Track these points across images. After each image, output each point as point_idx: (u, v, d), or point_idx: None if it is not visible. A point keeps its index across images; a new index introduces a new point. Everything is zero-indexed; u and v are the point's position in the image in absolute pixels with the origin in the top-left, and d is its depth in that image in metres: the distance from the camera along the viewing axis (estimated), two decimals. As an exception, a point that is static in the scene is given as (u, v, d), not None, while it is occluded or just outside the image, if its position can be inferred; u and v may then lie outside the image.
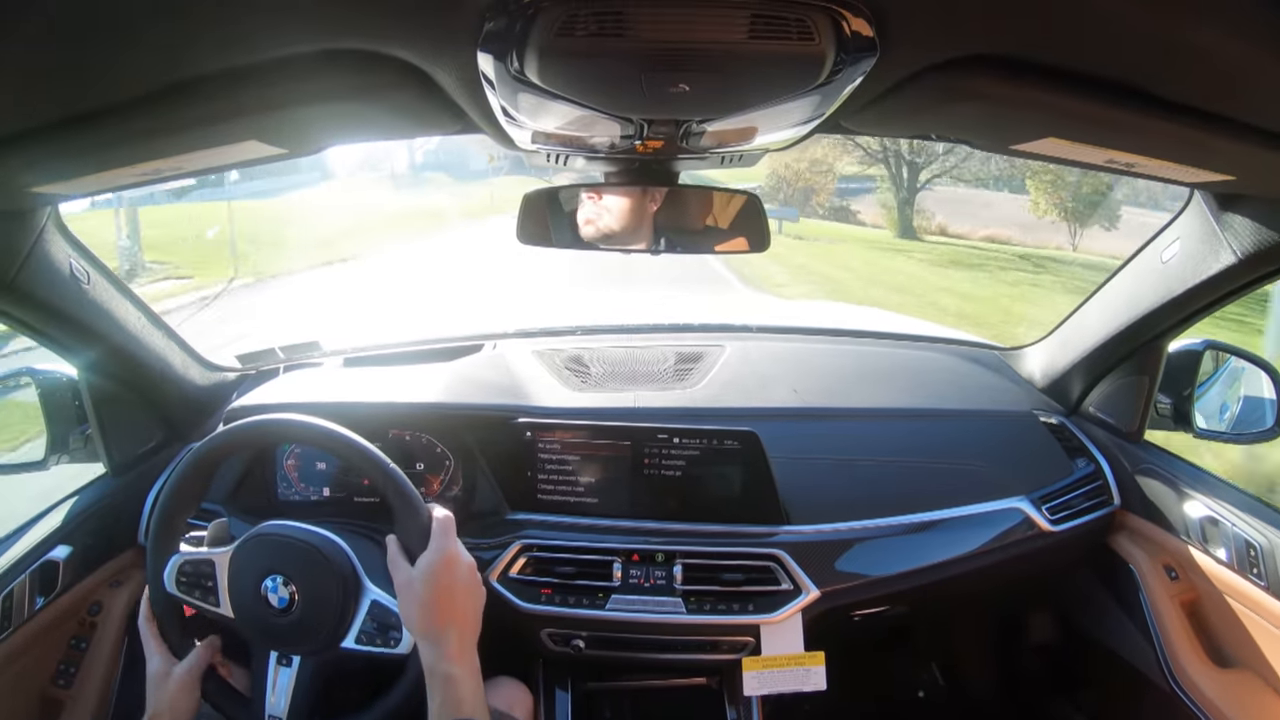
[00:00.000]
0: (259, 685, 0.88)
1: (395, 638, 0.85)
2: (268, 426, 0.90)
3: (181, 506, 0.92)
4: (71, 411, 1.18)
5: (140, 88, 0.58)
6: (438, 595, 0.77)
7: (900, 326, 1.78)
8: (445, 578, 0.78)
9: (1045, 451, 1.27)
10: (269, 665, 0.88)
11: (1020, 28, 0.53)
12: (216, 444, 0.91)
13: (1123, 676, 1.25)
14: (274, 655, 0.88)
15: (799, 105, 0.66)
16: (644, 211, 1.05)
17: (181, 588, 0.89)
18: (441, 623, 0.77)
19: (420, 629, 0.77)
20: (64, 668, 1.12)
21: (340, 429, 0.87)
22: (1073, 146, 0.76)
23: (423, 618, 0.77)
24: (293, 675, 0.87)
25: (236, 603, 0.87)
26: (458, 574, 0.79)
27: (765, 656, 1.12)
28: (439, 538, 0.81)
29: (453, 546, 0.81)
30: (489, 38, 0.53)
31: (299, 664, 0.87)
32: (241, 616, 0.87)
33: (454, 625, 0.77)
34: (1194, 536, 1.14)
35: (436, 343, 1.48)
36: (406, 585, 0.79)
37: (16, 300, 0.96)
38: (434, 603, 0.77)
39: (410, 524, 0.83)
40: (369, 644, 0.85)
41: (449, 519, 0.83)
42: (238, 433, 0.90)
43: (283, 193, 14.79)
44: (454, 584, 0.79)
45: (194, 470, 0.90)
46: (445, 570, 0.79)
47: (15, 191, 0.81)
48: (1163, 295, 1.09)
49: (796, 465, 1.19)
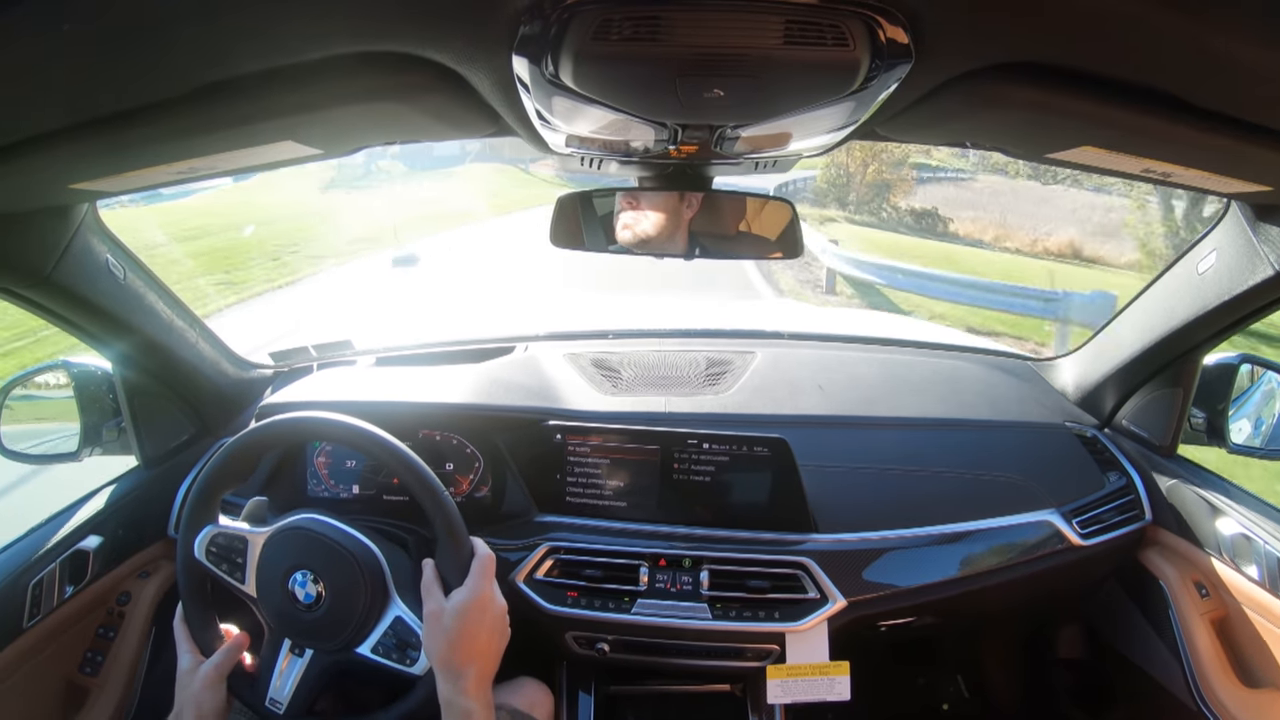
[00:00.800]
0: (266, 667, 0.89)
1: (413, 657, 0.85)
2: (337, 427, 0.90)
3: (226, 481, 0.93)
4: (105, 404, 1.20)
5: (179, 88, 0.58)
6: (465, 633, 0.78)
7: (932, 335, 1.76)
8: (475, 617, 0.79)
9: (1077, 464, 1.26)
10: (281, 651, 0.89)
11: (1055, 35, 0.53)
12: (283, 427, 0.91)
13: (1149, 694, 1.23)
14: (288, 643, 0.89)
15: (833, 111, 0.66)
16: (680, 217, 1.05)
17: (211, 558, 0.90)
18: (464, 660, 0.78)
19: (441, 661, 0.78)
20: (91, 656, 1.14)
21: (402, 447, 0.88)
22: (1108, 155, 0.75)
23: (446, 651, 0.78)
24: (302, 667, 0.88)
25: (262, 586, 0.88)
26: (488, 616, 0.80)
27: (790, 665, 1.12)
28: (477, 576, 0.82)
29: (489, 588, 0.82)
30: (524, 41, 0.53)
31: (310, 658, 0.88)
32: (265, 600, 0.88)
33: (475, 663, 0.78)
34: (1226, 553, 1.12)
35: (467, 344, 1.49)
36: (436, 616, 0.80)
37: (53, 294, 0.98)
38: (460, 640, 0.78)
39: (453, 555, 0.84)
40: (384, 656, 0.86)
41: (490, 559, 0.84)
42: (304, 423, 0.91)
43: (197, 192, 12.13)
44: (482, 625, 0.80)
45: (243, 449, 0.91)
46: (477, 610, 0.80)
47: (54, 188, 0.82)
48: (1199, 308, 1.07)
49: (826, 473, 1.19)
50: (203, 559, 0.90)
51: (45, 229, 0.92)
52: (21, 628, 1.00)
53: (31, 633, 1.01)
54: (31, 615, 1.01)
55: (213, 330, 1.29)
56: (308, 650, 0.88)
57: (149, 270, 1.12)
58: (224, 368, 1.32)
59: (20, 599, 0.99)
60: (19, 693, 1.00)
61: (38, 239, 0.92)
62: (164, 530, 1.22)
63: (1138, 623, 1.28)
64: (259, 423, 0.94)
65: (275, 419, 0.92)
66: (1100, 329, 1.34)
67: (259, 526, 0.90)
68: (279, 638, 0.89)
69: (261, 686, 0.89)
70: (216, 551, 0.90)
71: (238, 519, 0.92)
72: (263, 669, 0.90)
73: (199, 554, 0.90)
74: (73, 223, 0.95)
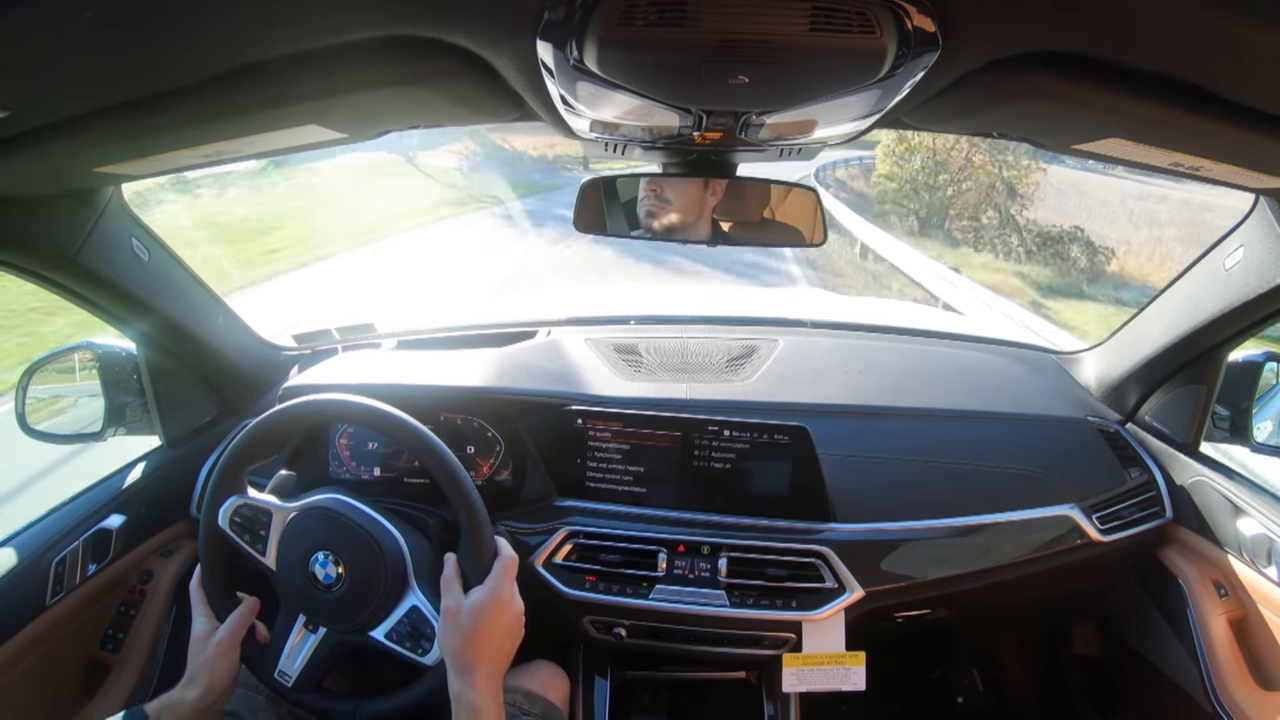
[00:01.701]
0: (279, 639, 0.90)
1: (425, 647, 0.85)
2: (371, 414, 0.90)
3: (256, 453, 0.93)
4: (129, 385, 1.21)
5: (204, 71, 0.59)
6: (480, 631, 0.79)
7: (956, 326, 1.75)
8: (493, 617, 0.80)
9: (1098, 459, 1.25)
10: (295, 626, 0.90)
11: (1084, 25, 0.52)
12: (318, 407, 0.91)
13: (1164, 693, 1.22)
14: (302, 618, 0.90)
15: (859, 99, 0.66)
16: (704, 203, 1.05)
17: (234, 527, 0.90)
18: (476, 657, 0.78)
19: (454, 656, 0.79)
20: (112, 633, 1.15)
21: (433, 437, 0.88)
22: (1137, 148, 0.75)
23: (460, 647, 0.79)
24: (314, 643, 0.89)
25: (282, 561, 0.89)
26: (504, 617, 0.81)
27: (806, 654, 1.12)
28: (498, 577, 0.82)
29: (508, 589, 0.82)
30: (549, 27, 0.53)
31: (323, 635, 0.89)
32: (283, 575, 0.89)
33: (486, 661, 0.79)
34: (1246, 553, 1.11)
35: (490, 328, 1.49)
36: (454, 612, 0.80)
37: (79, 275, 0.99)
38: (475, 638, 0.79)
39: (475, 553, 0.84)
40: (398, 643, 0.86)
41: (513, 561, 0.84)
42: (341, 405, 0.90)
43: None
44: (498, 625, 0.80)
45: (278, 424, 0.91)
46: (494, 610, 0.80)
47: (80, 171, 0.83)
48: (1224, 304, 1.06)
49: (846, 463, 1.19)
50: (226, 528, 0.90)
51: (71, 212, 0.93)
52: (45, 605, 1.01)
53: (54, 610, 1.02)
54: (55, 592, 1.02)
55: (236, 312, 1.30)
56: (321, 628, 0.89)
57: (174, 253, 1.14)
58: (247, 349, 1.33)
59: (44, 576, 1.01)
60: (41, 669, 1.02)
61: (63, 222, 0.93)
62: (186, 510, 1.23)
63: (1155, 621, 1.27)
64: (293, 401, 0.93)
65: (315, 399, 0.92)
66: (1125, 323, 1.33)
67: (285, 501, 0.91)
68: (294, 613, 0.90)
69: (271, 658, 0.90)
70: (240, 522, 0.90)
71: (263, 492, 0.92)
72: (274, 641, 0.91)
73: (222, 522, 0.90)
74: (98, 206, 0.97)
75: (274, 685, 0.89)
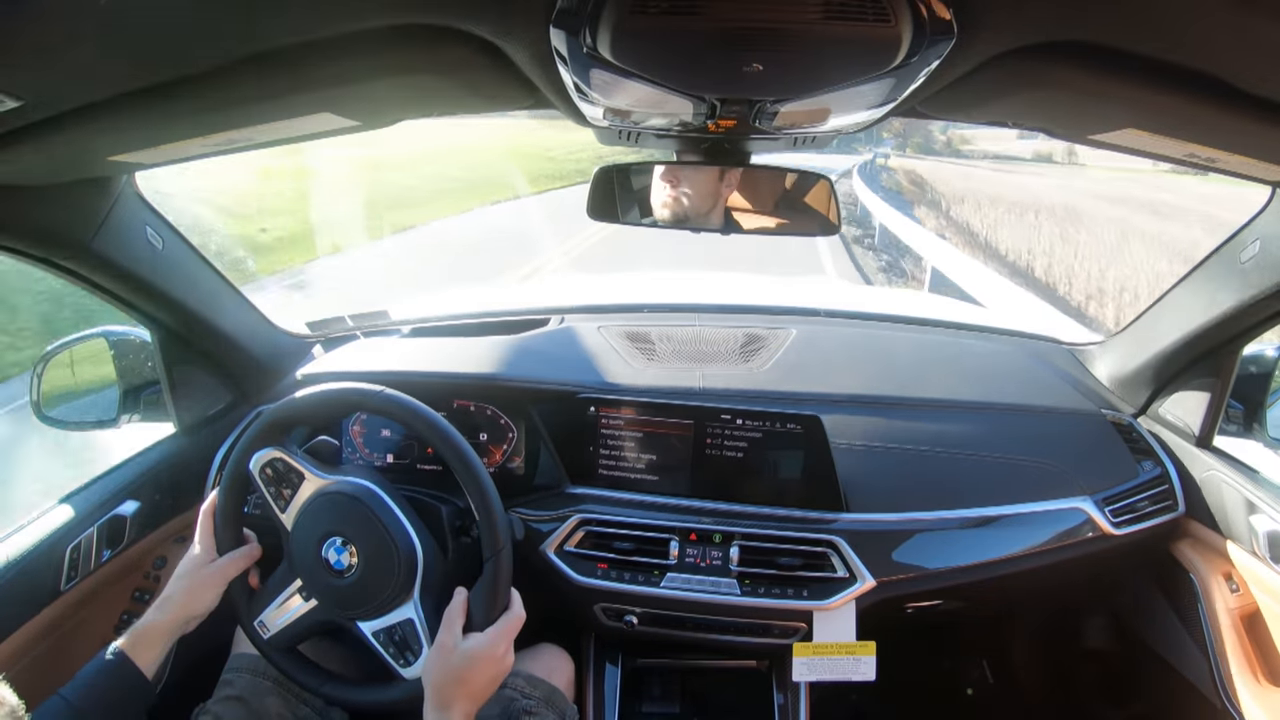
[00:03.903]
0: (270, 592, 0.91)
1: (409, 660, 0.86)
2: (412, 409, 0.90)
3: (311, 419, 0.95)
4: (144, 372, 1.22)
5: (217, 59, 0.59)
6: (467, 677, 0.81)
7: (970, 317, 1.74)
8: (482, 666, 0.82)
9: (1111, 452, 1.24)
10: (290, 586, 0.91)
11: (1101, 15, 0.52)
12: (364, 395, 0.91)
13: (1173, 687, 1.22)
14: (299, 582, 0.91)
15: (873, 88, 0.65)
16: (718, 192, 1.05)
17: (264, 477, 0.91)
18: (457, 696, 0.80)
19: (436, 690, 0.81)
20: (127, 619, 1.16)
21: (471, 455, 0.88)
22: (1153, 139, 0.74)
23: (443, 684, 0.81)
24: (303, 610, 0.90)
25: (298, 528, 0.90)
26: (494, 668, 0.83)
27: (816, 644, 1.12)
28: (501, 631, 0.84)
29: (505, 644, 0.84)
30: (562, 14, 0.53)
31: (314, 607, 0.90)
32: (297, 542, 0.90)
33: (465, 701, 0.81)
34: (1259, 548, 1.11)
35: (503, 315, 1.50)
36: (447, 650, 0.82)
37: (93, 263, 0.99)
38: (460, 680, 0.81)
39: (490, 601, 0.85)
40: (383, 645, 0.87)
41: (519, 621, 0.86)
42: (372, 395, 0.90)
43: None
44: (485, 674, 0.82)
45: (335, 400, 0.92)
46: (487, 661, 0.82)
47: (93, 159, 0.84)
48: (1239, 297, 1.05)
49: (858, 452, 1.19)
50: (255, 474, 0.91)
51: (85, 200, 0.93)
52: (60, 590, 1.02)
53: (69, 595, 1.03)
54: (70, 578, 1.03)
55: (250, 300, 1.31)
56: (314, 599, 0.90)
57: (188, 240, 1.14)
58: (261, 336, 1.34)
59: (59, 562, 1.02)
60: (56, 654, 1.03)
61: (78, 210, 0.93)
62: (200, 496, 1.23)
63: (1165, 615, 1.27)
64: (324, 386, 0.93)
65: (344, 386, 0.92)
66: (1139, 316, 1.32)
67: (321, 471, 0.91)
68: (294, 575, 0.91)
69: (257, 606, 0.91)
70: (272, 474, 0.91)
71: (303, 453, 0.93)
72: (265, 591, 0.92)
73: (254, 467, 0.91)
74: (112, 194, 0.97)
75: (250, 630, 0.91)
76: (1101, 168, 21.81)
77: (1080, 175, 24.38)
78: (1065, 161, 32.44)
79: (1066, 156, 31.74)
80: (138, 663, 0.82)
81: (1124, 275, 8.95)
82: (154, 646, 0.85)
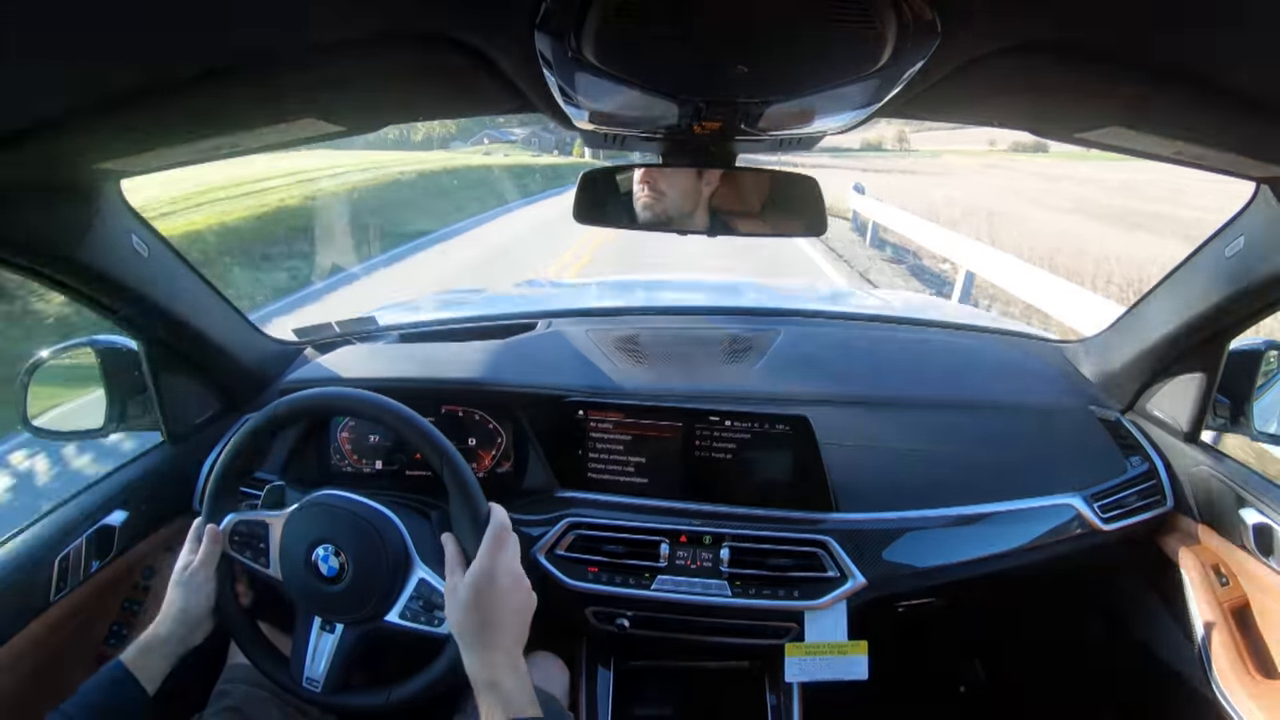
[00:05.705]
0: (300, 648, 0.90)
1: (440, 618, 0.85)
2: (347, 399, 0.90)
3: (246, 463, 0.93)
4: (131, 381, 1.21)
5: (201, 65, 0.58)
6: (481, 607, 0.77)
7: (958, 316, 1.75)
8: (490, 593, 0.78)
9: (1100, 448, 1.25)
10: (312, 630, 0.89)
11: (1085, 14, 0.52)
12: (298, 404, 0.91)
13: (1163, 680, 1.23)
14: (318, 621, 0.89)
15: (858, 89, 0.66)
16: (700, 193, 1.05)
17: (234, 546, 0.91)
18: (481, 630, 0.76)
19: (460, 634, 0.77)
20: (117, 629, 1.15)
21: (418, 417, 0.87)
22: (1139, 137, 0.75)
23: (462, 622, 0.77)
24: (334, 642, 0.88)
25: (286, 567, 0.89)
26: (506, 595, 0.78)
27: (808, 644, 1.12)
28: (487, 546, 0.79)
29: (502, 557, 0.79)
30: (546, 18, 0.53)
31: (341, 632, 0.88)
32: (290, 580, 0.88)
33: (492, 633, 0.76)
34: (1247, 542, 1.11)
35: (491, 320, 1.50)
36: (453, 590, 0.79)
37: (78, 272, 0.98)
38: (479, 616, 0.77)
39: (468, 521, 0.82)
40: (413, 620, 0.86)
41: (504, 529, 0.81)
42: (312, 399, 0.90)
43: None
44: (500, 601, 0.78)
45: (255, 432, 0.91)
46: (492, 586, 0.78)
47: (77, 168, 0.83)
48: (1225, 292, 1.06)
49: (847, 452, 1.19)
50: (226, 548, 0.91)
51: (69, 208, 0.92)
52: (49, 601, 1.01)
53: (58, 607, 1.03)
54: (59, 589, 1.02)
55: (237, 307, 1.30)
56: (338, 626, 0.89)
57: (174, 248, 1.13)
58: (248, 344, 1.33)
59: (47, 573, 1.01)
60: (46, 666, 1.02)
61: (62, 218, 0.92)
62: (189, 505, 1.23)
63: (1155, 609, 1.27)
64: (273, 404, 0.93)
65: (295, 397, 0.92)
66: (1125, 312, 1.33)
67: (277, 511, 0.91)
68: (309, 616, 0.90)
69: (297, 669, 0.89)
70: (239, 540, 0.91)
71: (257, 505, 0.93)
72: (296, 649, 0.90)
73: (225, 545, 0.91)
74: (97, 201, 0.96)
75: (305, 694, 0.89)
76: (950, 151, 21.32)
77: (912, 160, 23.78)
78: (896, 149, 32.34)
79: (896, 144, 31.65)
80: (139, 677, 0.81)
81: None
82: (157, 660, 0.84)
